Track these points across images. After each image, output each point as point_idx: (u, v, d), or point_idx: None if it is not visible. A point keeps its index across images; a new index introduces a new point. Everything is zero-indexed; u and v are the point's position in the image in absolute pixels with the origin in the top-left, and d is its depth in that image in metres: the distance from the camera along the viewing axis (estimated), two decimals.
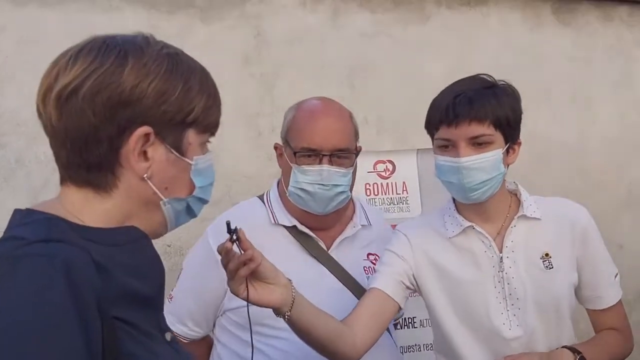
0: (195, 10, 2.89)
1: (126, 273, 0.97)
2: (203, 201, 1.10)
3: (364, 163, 2.76)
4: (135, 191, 1.01)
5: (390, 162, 2.78)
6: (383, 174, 2.76)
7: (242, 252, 1.30)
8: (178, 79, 1.00)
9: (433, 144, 1.62)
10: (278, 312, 1.40)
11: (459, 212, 1.65)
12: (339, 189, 1.70)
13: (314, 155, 1.69)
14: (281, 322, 1.56)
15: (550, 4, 3.49)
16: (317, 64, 3.09)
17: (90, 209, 1.00)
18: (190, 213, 1.10)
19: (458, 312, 1.61)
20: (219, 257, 1.67)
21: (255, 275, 1.33)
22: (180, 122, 1.01)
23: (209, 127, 1.06)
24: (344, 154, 1.70)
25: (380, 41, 3.20)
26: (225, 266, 1.33)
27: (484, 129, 1.52)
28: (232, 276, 1.33)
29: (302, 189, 1.70)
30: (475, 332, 1.60)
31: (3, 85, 2.59)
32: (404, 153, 2.81)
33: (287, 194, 1.75)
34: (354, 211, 1.87)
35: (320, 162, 1.68)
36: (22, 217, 0.98)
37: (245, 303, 1.41)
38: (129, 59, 0.98)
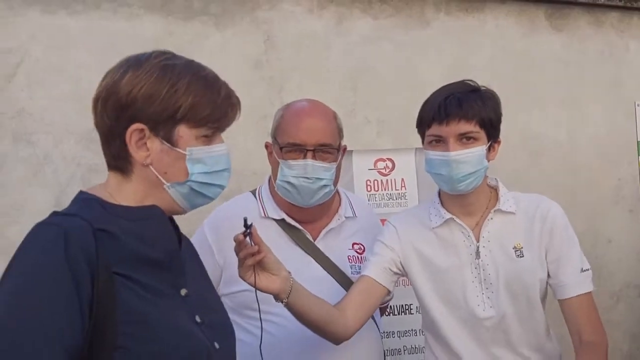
0: (210, 17, 3.07)
1: (139, 240, 1.21)
2: (216, 185, 1.29)
3: (365, 161, 2.95)
4: (144, 175, 1.25)
5: (390, 160, 2.96)
6: (383, 171, 2.95)
7: (253, 244, 1.51)
8: (165, 84, 1.21)
9: (424, 141, 1.80)
10: (277, 298, 1.60)
11: (442, 205, 1.84)
12: (322, 182, 1.85)
13: (298, 150, 1.84)
14: (268, 307, 1.73)
15: (544, 10, 3.66)
16: (322, 67, 3.28)
17: (120, 190, 1.26)
18: (204, 196, 1.29)
19: (440, 295, 1.80)
20: (214, 247, 1.87)
21: (261, 266, 1.54)
22: (169, 118, 1.22)
23: (203, 121, 1.24)
24: (327, 149, 1.85)
25: (382, 45, 3.38)
26: (237, 254, 1.54)
27: (471, 127, 1.71)
28: (241, 264, 1.54)
29: (288, 182, 1.85)
30: (454, 313, 1.79)
31: (33, 88, 2.77)
32: (403, 152, 2.99)
33: (275, 188, 1.91)
34: (339, 204, 2.01)
35: (304, 157, 1.83)
36: (75, 196, 1.28)
37: (243, 289, 1.65)
38: (129, 72, 1.22)
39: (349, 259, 1.96)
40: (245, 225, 1.47)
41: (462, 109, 1.70)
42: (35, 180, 2.76)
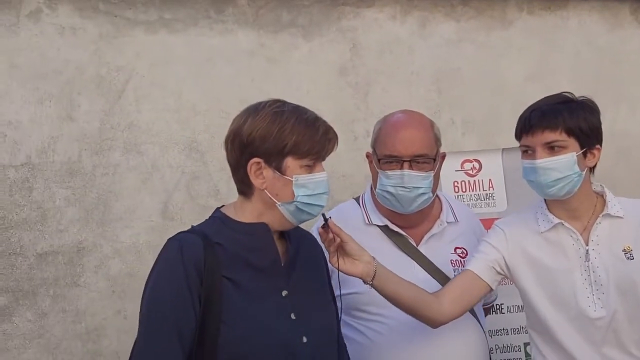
0: (298, 28, 3.21)
1: (246, 250, 1.55)
2: (317, 205, 1.58)
3: (451, 162, 2.98)
4: (261, 197, 1.58)
5: (477, 160, 2.99)
6: (470, 172, 2.99)
7: (332, 234, 1.66)
8: (275, 127, 1.53)
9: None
10: (364, 281, 1.74)
11: (549, 210, 1.93)
12: (420, 191, 1.95)
13: (395, 161, 1.95)
14: (375, 309, 1.90)
15: (629, 4, 3.61)
16: (407, 71, 3.36)
17: (243, 209, 1.61)
18: (307, 213, 1.59)
19: (549, 296, 1.88)
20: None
21: (345, 252, 1.70)
22: (279, 152, 1.54)
23: (306, 153, 1.55)
24: (423, 160, 1.95)
25: (465, 47, 3.44)
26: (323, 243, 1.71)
27: (557, 136, 1.82)
28: (327, 250, 1.70)
29: (387, 191, 1.96)
30: (564, 313, 1.87)
31: (140, 102, 2.98)
32: (490, 152, 3.02)
33: (376, 196, 2.02)
34: (441, 209, 2.09)
35: (401, 167, 1.94)
36: (212, 213, 1.66)
37: (352, 291, 1.83)
38: (249, 118, 1.56)
39: (451, 262, 2.05)
40: (324, 219, 1.66)
41: (544, 120, 1.83)
42: (145, 188, 2.97)
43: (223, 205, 1.67)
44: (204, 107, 3.04)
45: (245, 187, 1.59)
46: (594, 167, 1.91)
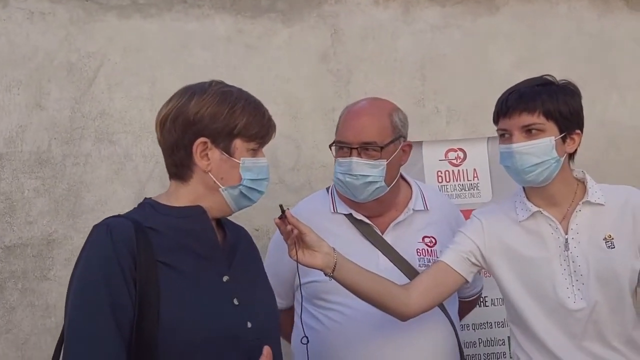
0: (277, 13, 3.12)
1: (181, 234, 1.46)
2: (258, 191, 1.54)
3: (435, 151, 2.92)
4: (203, 180, 1.50)
5: (461, 150, 2.91)
6: (454, 161, 2.91)
7: (289, 226, 1.63)
8: (225, 106, 1.48)
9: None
10: (324, 273, 1.70)
11: (528, 198, 1.85)
12: (368, 179, 1.90)
13: (345, 148, 1.93)
14: (335, 298, 1.88)
15: None
16: (390, 58, 3.27)
17: (177, 194, 1.52)
18: (248, 199, 1.54)
19: (527, 288, 1.81)
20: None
21: (305, 244, 1.66)
22: (228, 133, 1.48)
23: (254, 137, 1.51)
24: (372, 147, 1.90)
25: (450, 33, 3.34)
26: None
27: (534, 119, 1.75)
28: (286, 242, 1.67)
29: (338, 179, 1.95)
30: (542, 305, 1.79)
31: (112, 90, 2.89)
32: (475, 141, 2.94)
33: (334, 183, 2.00)
34: (410, 197, 2.05)
35: (350, 155, 1.91)
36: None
37: (312, 280, 1.80)
38: (195, 96, 1.49)
39: (417, 252, 2.00)
40: (282, 210, 1.63)
41: (522, 102, 1.75)
42: (117, 178, 2.89)
43: (146, 197, 1.57)
44: None
45: (183, 170, 1.50)
46: (574, 153, 1.83)
